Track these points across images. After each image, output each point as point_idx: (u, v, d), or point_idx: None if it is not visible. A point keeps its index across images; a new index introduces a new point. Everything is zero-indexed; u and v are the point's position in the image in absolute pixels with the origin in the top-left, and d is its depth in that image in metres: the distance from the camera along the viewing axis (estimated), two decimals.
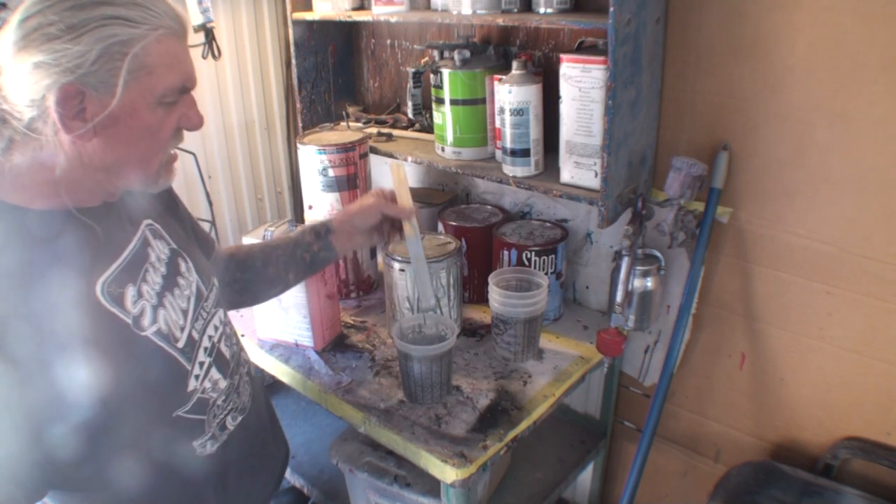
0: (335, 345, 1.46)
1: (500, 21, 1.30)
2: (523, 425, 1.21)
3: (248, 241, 1.36)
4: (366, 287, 1.67)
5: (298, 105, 1.83)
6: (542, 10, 1.28)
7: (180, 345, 0.90)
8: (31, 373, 0.74)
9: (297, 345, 1.44)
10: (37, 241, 0.78)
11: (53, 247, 0.79)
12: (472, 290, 1.61)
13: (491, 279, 1.36)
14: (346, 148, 1.48)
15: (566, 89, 1.26)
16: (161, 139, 0.83)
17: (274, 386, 1.69)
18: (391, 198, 1.21)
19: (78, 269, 0.81)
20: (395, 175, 1.21)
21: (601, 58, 1.17)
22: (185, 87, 0.83)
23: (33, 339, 0.75)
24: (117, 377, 0.81)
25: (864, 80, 1.11)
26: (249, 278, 1.18)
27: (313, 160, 1.50)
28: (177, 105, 0.83)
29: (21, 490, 0.76)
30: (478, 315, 1.57)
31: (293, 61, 1.77)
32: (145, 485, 0.89)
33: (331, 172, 1.49)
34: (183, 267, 0.95)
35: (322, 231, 1.19)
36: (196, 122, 0.86)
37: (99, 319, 0.82)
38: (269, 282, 1.21)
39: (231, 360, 1.01)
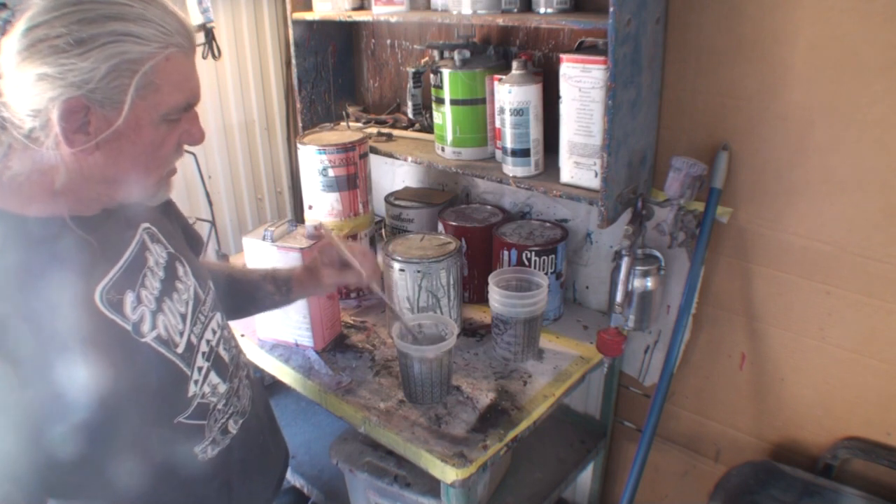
0: (335, 345, 1.46)
1: (500, 21, 1.30)
2: (523, 425, 1.21)
3: (247, 241, 1.36)
4: (366, 287, 1.66)
5: (298, 105, 1.83)
6: (542, 10, 1.28)
7: (180, 350, 0.90)
8: (30, 373, 0.74)
9: (297, 345, 1.44)
10: (36, 243, 0.78)
11: (53, 248, 0.79)
12: (472, 290, 1.61)
13: (491, 279, 1.36)
14: (346, 148, 1.48)
15: (566, 89, 1.26)
16: (163, 155, 0.83)
17: (274, 386, 1.69)
18: (341, 262, 1.19)
19: (78, 272, 0.80)
20: (333, 241, 1.20)
21: (601, 58, 1.17)
22: (190, 104, 0.83)
23: (33, 340, 0.74)
24: (117, 383, 0.81)
25: (864, 80, 1.11)
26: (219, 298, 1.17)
27: (313, 160, 1.49)
28: (180, 121, 0.82)
29: (20, 490, 0.76)
30: (478, 315, 1.57)
31: (293, 61, 1.77)
32: (146, 491, 0.89)
33: (331, 172, 1.49)
34: (181, 271, 0.95)
35: (283, 287, 1.21)
36: (197, 138, 0.86)
37: (98, 326, 0.81)
38: (235, 310, 1.21)
39: (230, 364, 1.01)
